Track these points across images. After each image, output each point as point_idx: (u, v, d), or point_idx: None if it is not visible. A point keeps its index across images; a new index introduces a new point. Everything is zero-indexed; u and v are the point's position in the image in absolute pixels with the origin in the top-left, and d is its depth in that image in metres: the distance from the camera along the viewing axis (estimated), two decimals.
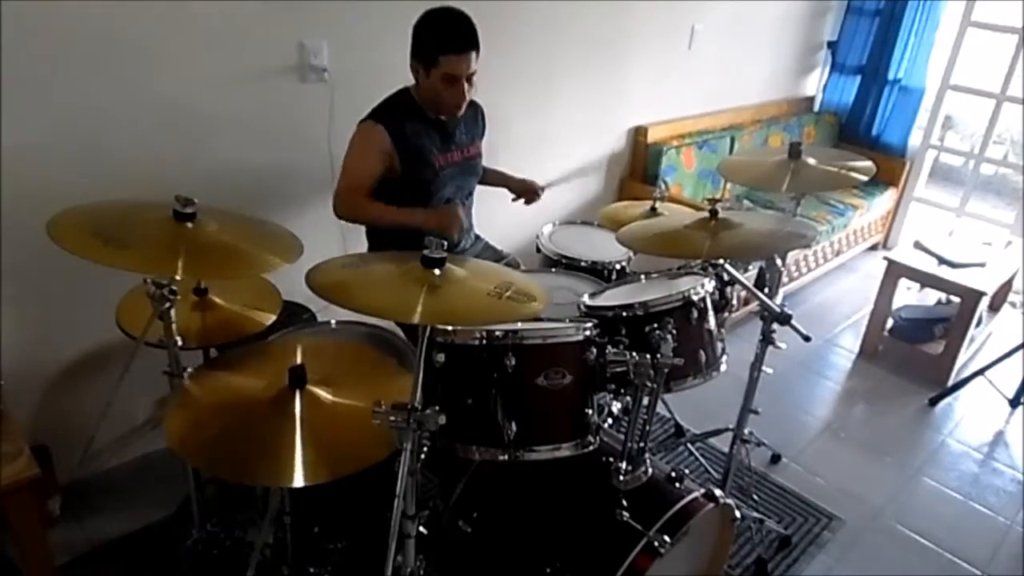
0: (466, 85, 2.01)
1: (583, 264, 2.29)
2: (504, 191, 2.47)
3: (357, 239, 2.33)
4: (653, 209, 2.46)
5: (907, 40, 4.30)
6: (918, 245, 3.46)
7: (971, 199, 4.56)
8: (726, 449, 2.24)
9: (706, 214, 1.84)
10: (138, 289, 1.56)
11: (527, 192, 2.44)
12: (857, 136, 4.62)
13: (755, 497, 2.49)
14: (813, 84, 4.75)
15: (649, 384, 1.55)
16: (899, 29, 4.27)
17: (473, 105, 2.25)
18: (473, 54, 1.97)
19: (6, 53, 1.76)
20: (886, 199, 4.48)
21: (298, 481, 1.28)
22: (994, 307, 3.78)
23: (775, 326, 1.97)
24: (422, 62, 1.99)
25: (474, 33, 1.97)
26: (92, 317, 1.96)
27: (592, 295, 1.96)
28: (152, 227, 1.41)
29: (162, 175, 2.08)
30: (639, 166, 3.63)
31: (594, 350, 1.57)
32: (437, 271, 1.31)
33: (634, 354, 1.54)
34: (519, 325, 1.52)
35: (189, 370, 1.57)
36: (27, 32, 1.77)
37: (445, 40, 1.95)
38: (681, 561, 1.72)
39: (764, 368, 2.11)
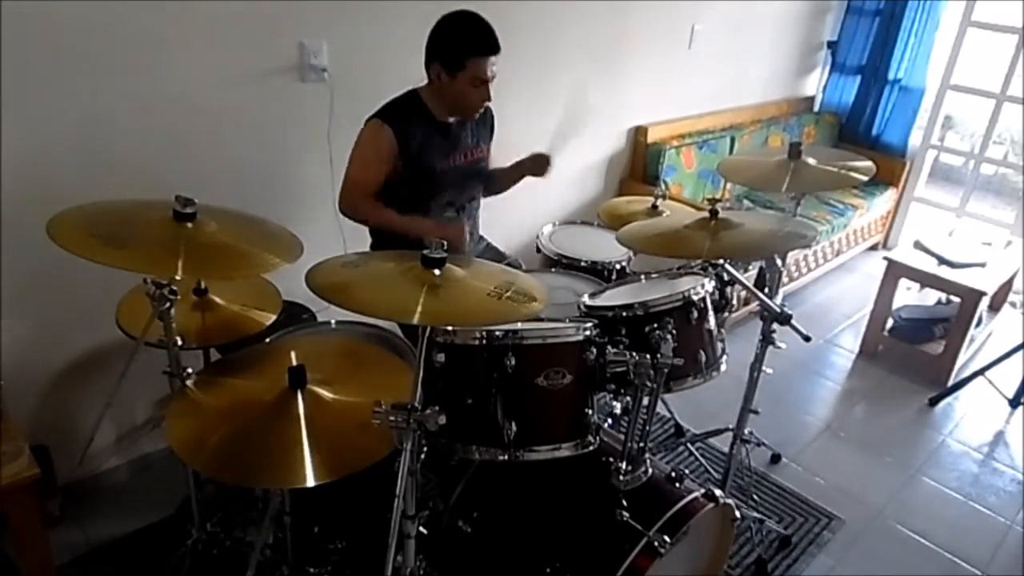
0: (489, 86, 2.03)
1: (583, 264, 2.29)
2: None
3: (357, 239, 2.33)
4: (654, 207, 2.46)
5: (907, 40, 4.30)
6: (918, 245, 3.46)
7: (971, 199, 4.56)
8: (726, 449, 2.24)
9: (706, 214, 1.84)
10: (138, 289, 1.56)
11: (540, 166, 2.30)
12: (857, 136, 4.62)
13: (755, 497, 2.49)
14: (813, 84, 4.75)
15: (649, 384, 1.55)
16: (899, 29, 4.28)
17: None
18: (496, 56, 2.00)
19: (6, 54, 1.76)
20: (886, 199, 4.48)
21: (301, 483, 1.28)
22: (994, 307, 3.78)
23: (775, 326, 1.97)
24: (446, 65, 1.99)
25: (496, 36, 1.99)
26: (92, 317, 1.96)
27: (592, 295, 1.96)
28: (152, 227, 1.41)
29: (162, 175, 2.08)
30: (639, 166, 3.63)
31: (594, 350, 1.57)
32: (437, 271, 1.31)
33: (634, 354, 1.54)
34: (519, 325, 1.53)
35: (189, 371, 1.57)
36: (27, 33, 1.77)
37: (474, 44, 1.97)
38: (681, 561, 1.72)
39: (764, 368, 2.11)
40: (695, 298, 1.75)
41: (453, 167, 2.17)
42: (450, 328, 1.53)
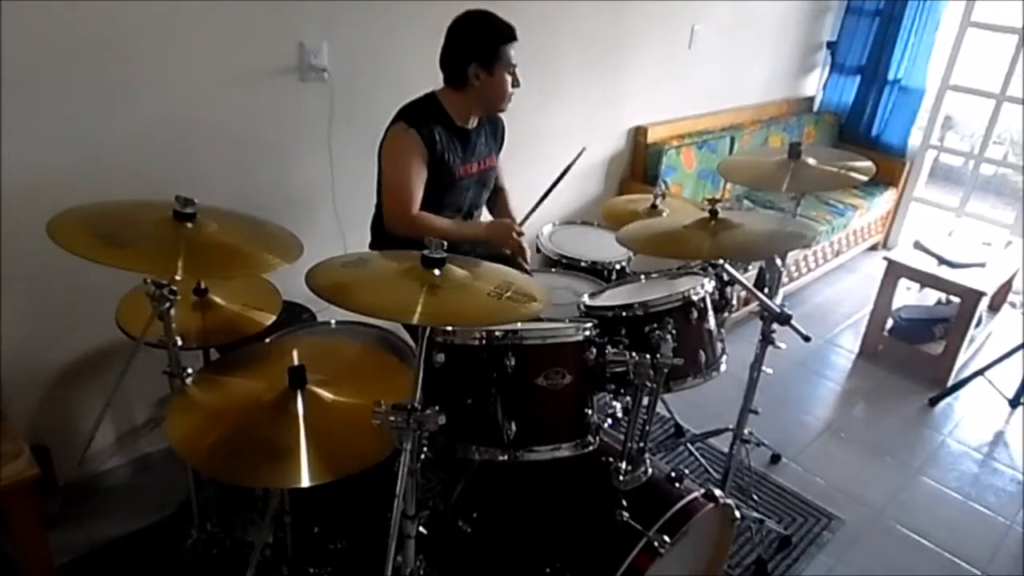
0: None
1: (583, 264, 2.29)
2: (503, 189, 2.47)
3: (357, 239, 2.33)
4: (654, 206, 2.45)
5: (907, 40, 4.30)
6: (918, 245, 3.46)
7: (971, 199, 4.56)
8: (726, 449, 2.24)
9: (706, 214, 1.84)
10: (138, 289, 1.56)
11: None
12: (857, 136, 4.62)
13: (755, 497, 2.49)
14: (813, 84, 4.75)
15: (649, 384, 1.55)
16: (899, 29, 4.27)
17: (493, 118, 2.25)
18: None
19: (6, 56, 1.75)
20: (886, 199, 4.49)
21: (301, 482, 1.28)
22: (994, 307, 3.78)
23: (775, 326, 1.97)
24: (483, 63, 2.00)
25: None
26: (92, 317, 1.96)
27: (592, 295, 1.96)
28: (152, 227, 1.41)
29: (162, 175, 2.08)
30: (639, 166, 3.62)
31: (594, 350, 1.57)
32: (437, 271, 1.31)
33: (634, 354, 1.54)
34: (519, 325, 1.53)
35: (189, 371, 1.57)
36: (27, 33, 1.77)
37: (501, 33, 2.00)
38: (681, 561, 1.72)
39: (764, 368, 2.11)
40: (695, 298, 1.75)
41: (469, 175, 2.17)
42: (450, 328, 1.53)
